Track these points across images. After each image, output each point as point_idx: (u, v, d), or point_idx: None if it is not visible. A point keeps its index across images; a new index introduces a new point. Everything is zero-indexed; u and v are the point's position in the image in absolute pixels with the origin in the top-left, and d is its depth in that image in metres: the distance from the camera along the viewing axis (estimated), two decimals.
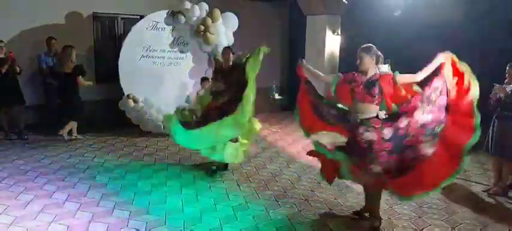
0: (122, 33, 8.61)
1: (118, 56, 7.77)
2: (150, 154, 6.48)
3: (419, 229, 4.05)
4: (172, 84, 8.28)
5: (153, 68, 8.14)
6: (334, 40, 9.44)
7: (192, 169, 5.79)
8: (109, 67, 8.10)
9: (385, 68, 6.84)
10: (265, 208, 4.47)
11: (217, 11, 8.01)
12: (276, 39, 11.35)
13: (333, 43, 9.45)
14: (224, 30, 8.21)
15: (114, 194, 4.74)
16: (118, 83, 7.72)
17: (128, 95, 7.72)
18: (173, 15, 7.98)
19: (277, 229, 4.00)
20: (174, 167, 5.88)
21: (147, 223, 4.01)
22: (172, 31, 8.15)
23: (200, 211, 4.35)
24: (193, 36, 8.26)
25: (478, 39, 8.08)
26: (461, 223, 4.21)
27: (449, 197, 4.89)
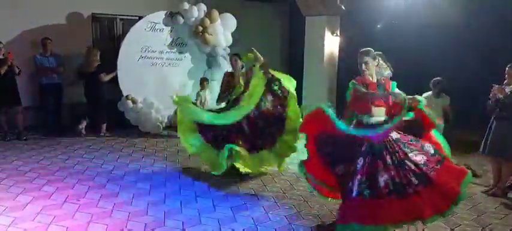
0: (121, 33, 8.61)
1: (117, 57, 7.77)
2: (149, 155, 6.47)
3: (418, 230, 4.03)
4: (171, 85, 8.29)
5: (152, 69, 8.14)
6: (333, 41, 9.43)
7: (191, 170, 5.78)
8: (108, 67, 8.09)
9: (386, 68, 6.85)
10: (264, 209, 4.47)
11: (215, 12, 8.02)
12: (276, 39, 11.36)
13: (332, 44, 9.45)
14: (222, 30, 8.22)
15: (113, 195, 4.73)
16: (117, 84, 7.73)
17: (127, 96, 7.72)
18: (172, 16, 8.00)
19: (276, 230, 4.00)
20: (173, 168, 5.87)
21: (146, 224, 4.01)
22: (170, 32, 8.16)
23: (199, 212, 4.35)
24: (191, 36, 8.28)
25: (478, 39, 8.08)
26: (460, 224, 4.20)
27: None
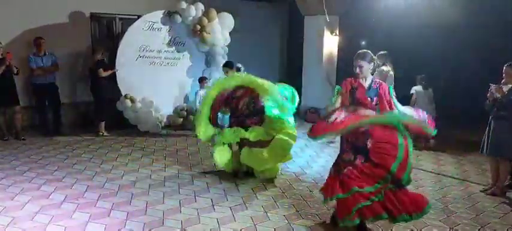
0: (120, 33, 8.58)
1: (116, 56, 7.75)
2: (148, 155, 6.46)
3: (417, 229, 4.03)
4: (169, 84, 8.28)
5: (150, 68, 8.13)
6: (332, 40, 9.44)
7: (190, 170, 5.77)
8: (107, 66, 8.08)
9: (386, 68, 6.85)
10: (263, 209, 4.47)
11: (213, 11, 8.02)
12: (276, 39, 11.35)
13: (331, 43, 9.46)
14: (220, 29, 8.22)
15: (111, 195, 4.72)
16: (115, 83, 7.71)
17: (126, 95, 7.71)
18: (169, 15, 8.00)
19: (275, 230, 3.99)
20: (172, 168, 5.86)
21: (145, 224, 4.00)
22: (168, 31, 8.16)
23: (198, 212, 4.34)
24: (189, 35, 8.29)
25: (478, 39, 8.09)
26: (459, 223, 4.21)
27: (447, 198, 4.90)
